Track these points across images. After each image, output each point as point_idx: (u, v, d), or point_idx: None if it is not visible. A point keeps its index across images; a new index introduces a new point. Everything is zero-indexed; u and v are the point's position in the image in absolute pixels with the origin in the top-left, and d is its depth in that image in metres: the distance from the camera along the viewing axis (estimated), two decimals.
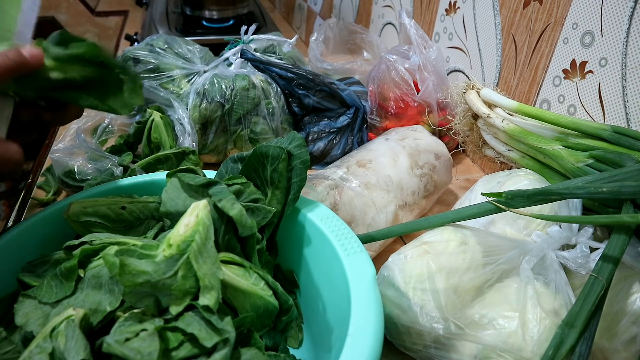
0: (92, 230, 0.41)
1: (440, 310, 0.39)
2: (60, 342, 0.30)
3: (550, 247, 0.42)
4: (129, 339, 0.30)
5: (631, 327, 0.39)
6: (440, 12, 0.86)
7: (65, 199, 0.46)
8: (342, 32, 1.03)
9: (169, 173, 0.42)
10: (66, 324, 0.31)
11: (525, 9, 0.65)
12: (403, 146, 0.62)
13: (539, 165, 0.54)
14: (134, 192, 0.46)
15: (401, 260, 0.43)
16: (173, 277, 0.33)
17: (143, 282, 0.32)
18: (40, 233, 0.43)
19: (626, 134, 0.47)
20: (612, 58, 0.53)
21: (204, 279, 0.33)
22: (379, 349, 0.33)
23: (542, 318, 0.38)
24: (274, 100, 0.74)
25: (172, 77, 0.75)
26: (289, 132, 0.46)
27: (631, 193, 0.38)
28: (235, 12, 1.26)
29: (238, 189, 0.42)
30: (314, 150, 0.75)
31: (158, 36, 0.80)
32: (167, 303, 0.33)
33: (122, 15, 1.86)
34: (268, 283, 0.38)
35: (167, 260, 0.33)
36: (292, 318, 0.40)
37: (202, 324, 0.32)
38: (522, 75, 0.68)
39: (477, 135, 0.63)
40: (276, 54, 0.83)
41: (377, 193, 0.56)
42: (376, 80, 0.75)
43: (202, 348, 0.31)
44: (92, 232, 0.40)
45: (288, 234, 0.45)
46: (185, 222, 0.35)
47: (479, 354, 0.39)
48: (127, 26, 1.62)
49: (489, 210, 0.43)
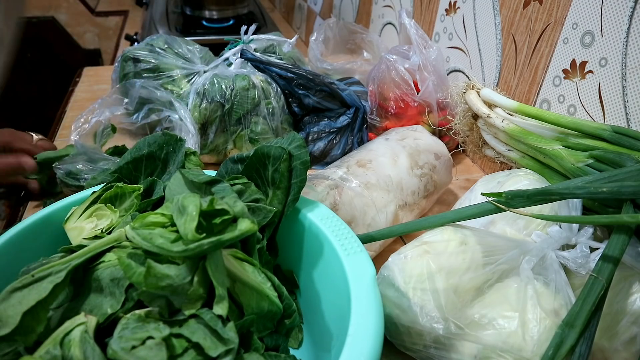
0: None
1: (440, 310, 0.39)
2: (74, 354, 0.30)
3: (550, 247, 0.42)
4: (135, 346, 0.30)
5: (631, 327, 0.39)
6: (440, 12, 0.86)
7: (65, 199, 0.46)
8: (342, 32, 1.03)
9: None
10: (80, 336, 0.31)
11: (525, 9, 0.65)
12: (403, 146, 0.62)
13: (539, 165, 0.54)
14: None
15: (401, 260, 0.43)
16: (190, 282, 0.33)
17: (165, 285, 0.32)
18: (40, 233, 0.43)
19: (626, 134, 0.47)
20: (612, 58, 0.53)
21: (218, 287, 0.33)
22: (379, 349, 0.33)
23: (542, 318, 0.38)
24: (274, 100, 0.74)
25: (172, 77, 0.75)
26: (289, 133, 0.46)
27: (631, 193, 0.38)
28: (235, 12, 1.26)
29: (240, 188, 0.42)
30: (314, 150, 0.75)
31: (158, 36, 0.80)
32: (179, 305, 0.33)
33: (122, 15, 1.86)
34: (274, 285, 0.38)
35: (186, 265, 0.33)
36: (294, 324, 0.40)
37: (206, 332, 0.32)
38: (522, 75, 0.68)
39: (477, 135, 0.63)
40: (276, 54, 0.83)
41: (377, 193, 0.56)
42: (376, 80, 0.75)
43: (206, 356, 0.31)
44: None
45: (288, 234, 0.45)
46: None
47: (479, 354, 0.39)
48: (127, 26, 1.62)
49: (489, 210, 0.43)
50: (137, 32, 1.35)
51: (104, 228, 0.42)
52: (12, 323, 0.30)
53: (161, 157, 0.49)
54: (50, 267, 0.34)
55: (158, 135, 0.49)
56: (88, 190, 0.46)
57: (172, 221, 0.35)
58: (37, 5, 2.02)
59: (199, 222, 0.33)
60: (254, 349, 0.36)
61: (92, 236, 0.41)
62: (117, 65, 0.79)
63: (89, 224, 0.42)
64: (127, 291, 0.34)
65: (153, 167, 0.49)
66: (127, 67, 0.76)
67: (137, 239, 0.34)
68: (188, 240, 0.32)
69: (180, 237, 0.33)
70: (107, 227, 0.42)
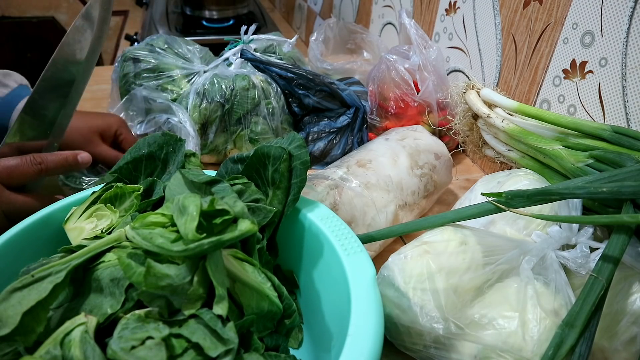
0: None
1: (440, 310, 0.39)
2: (74, 354, 0.30)
3: (550, 247, 0.42)
4: (134, 347, 0.30)
5: (631, 327, 0.39)
6: (440, 12, 0.86)
7: (65, 199, 0.46)
8: (342, 32, 1.03)
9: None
10: (81, 336, 0.31)
11: (525, 9, 0.65)
12: (403, 146, 0.62)
13: (539, 165, 0.54)
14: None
15: (401, 260, 0.43)
16: (190, 282, 0.33)
17: (165, 285, 0.32)
18: (40, 234, 0.43)
19: (626, 134, 0.47)
20: (612, 58, 0.53)
21: (218, 287, 0.33)
22: (379, 349, 0.33)
23: (542, 318, 0.38)
24: (274, 100, 0.74)
25: (172, 77, 0.75)
26: (289, 133, 0.45)
27: (631, 193, 0.38)
28: (235, 12, 1.26)
29: (240, 188, 0.42)
30: (314, 150, 0.75)
31: (158, 36, 0.80)
32: (179, 305, 0.33)
33: (122, 15, 1.86)
34: (274, 285, 0.38)
35: (186, 265, 0.33)
36: (294, 324, 0.40)
37: (206, 333, 0.32)
38: (522, 75, 0.68)
39: (477, 135, 0.63)
40: (276, 54, 0.83)
41: (377, 193, 0.56)
42: (376, 80, 0.75)
43: (205, 356, 0.31)
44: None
45: (288, 234, 0.45)
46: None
47: (479, 354, 0.39)
48: (127, 26, 1.62)
49: (489, 210, 0.43)
50: (137, 32, 1.35)
51: (104, 228, 0.42)
52: (12, 323, 0.30)
53: (161, 157, 0.49)
54: (50, 267, 0.34)
55: (158, 136, 0.49)
56: (88, 190, 0.46)
57: (172, 221, 0.35)
58: (37, 5, 2.02)
59: (199, 222, 0.33)
60: (254, 349, 0.36)
61: (92, 236, 0.41)
62: (117, 65, 0.79)
63: (89, 224, 0.42)
64: (127, 291, 0.34)
65: (153, 167, 0.49)
66: (127, 67, 0.76)
67: (137, 239, 0.34)
68: (188, 240, 0.32)
69: (181, 237, 0.33)
70: (107, 228, 0.42)
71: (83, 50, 0.53)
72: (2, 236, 0.40)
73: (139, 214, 0.41)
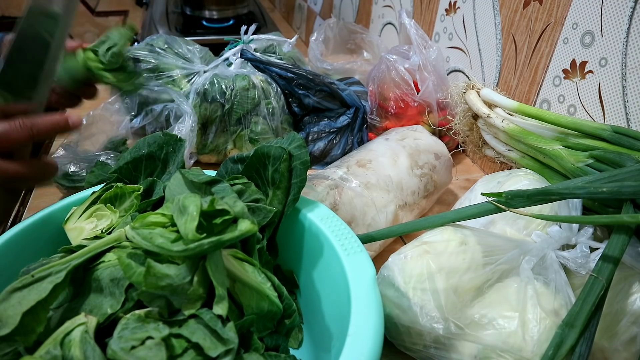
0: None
1: (440, 310, 0.39)
2: (74, 354, 0.30)
3: (550, 247, 0.42)
4: (134, 347, 0.30)
5: (631, 327, 0.39)
6: (440, 12, 0.86)
7: (65, 199, 0.46)
8: (342, 32, 1.03)
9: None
10: (81, 336, 0.31)
11: (525, 9, 0.65)
12: (403, 146, 0.62)
13: (539, 165, 0.54)
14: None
15: (401, 260, 0.43)
16: (190, 282, 0.33)
17: (165, 285, 0.32)
18: (40, 234, 0.43)
19: (626, 134, 0.47)
20: (612, 58, 0.53)
21: (218, 287, 0.33)
22: (379, 349, 0.33)
23: (542, 318, 0.38)
24: (274, 100, 0.74)
25: (172, 77, 0.75)
26: (289, 133, 0.45)
27: (631, 193, 0.38)
28: (235, 12, 1.26)
29: (240, 188, 0.42)
30: (314, 150, 0.75)
31: (158, 36, 0.80)
32: (179, 305, 0.33)
33: (122, 15, 1.86)
34: (274, 285, 0.38)
35: (186, 265, 0.33)
36: (294, 324, 0.40)
37: (206, 333, 0.32)
38: (522, 75, 0.68)
39: (477, 135, 0.63)
40: (276, 54, 0.83)
41: (377, 193, 0.56)
42: (376, 80, 0.75)
43: (205, 356, 0.31)
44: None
45: (288, 234, 0.45)
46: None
47: (479, 354, 0.39)
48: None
49: (489, 210, 0.43)
50: (137, 32, 1.35)
51: (104, 228, 0.42)
52: (12, 323, 0.30)
53: (161, 157, 0.49)
54: (50, 267, 0.34)
55: (158, 135, 0.49)
56: (88, 190, 0.46)
57: (172, 221, 0.35)
58: None
59: (200, 222, 0.33)
60: (254, 349, 0.36)
61: (92, 236, 0.41)
62: None
63: (89, 225, 0.42)
64: (127, 291, 0.34)
65: (153, 167, 0.49)
66: None
67: (137, 239, 0.34)
68: (188, 240, 0.32)
69: (181, 237, 0.33)
70: (107, 228, 0.42)
71: (59, 2, 0.50)
72: (2, 236, 0.40)
73: (139, 214, 0.41)
